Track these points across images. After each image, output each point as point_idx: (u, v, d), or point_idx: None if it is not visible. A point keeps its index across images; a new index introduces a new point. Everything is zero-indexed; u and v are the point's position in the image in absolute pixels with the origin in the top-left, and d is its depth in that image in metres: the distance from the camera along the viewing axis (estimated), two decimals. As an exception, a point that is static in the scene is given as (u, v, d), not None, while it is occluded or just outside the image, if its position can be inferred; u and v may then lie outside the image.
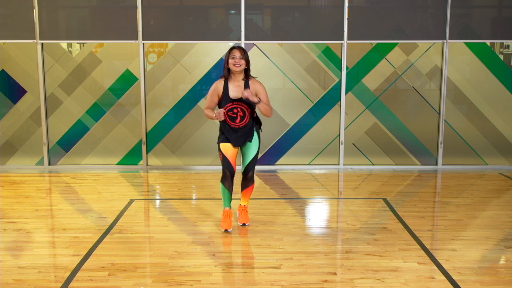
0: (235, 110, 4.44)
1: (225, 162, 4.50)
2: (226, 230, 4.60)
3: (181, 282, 3.59)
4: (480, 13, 7.10)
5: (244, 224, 4.75)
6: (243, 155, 4.63)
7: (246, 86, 4.45)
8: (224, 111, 4.40)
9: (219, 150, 4.55)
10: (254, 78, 4.56)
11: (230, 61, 4.40)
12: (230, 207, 4.69)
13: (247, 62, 4.46)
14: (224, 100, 4.46)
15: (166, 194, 5.91)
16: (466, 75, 6.99)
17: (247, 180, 4.66)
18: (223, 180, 4.58)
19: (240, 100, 4.43)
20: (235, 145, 4.52)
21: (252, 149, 4.56)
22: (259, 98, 4.39)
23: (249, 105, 4.47)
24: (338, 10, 6.82)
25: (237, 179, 4.79)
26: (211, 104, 4.53)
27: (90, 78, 6.96)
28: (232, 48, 4.44)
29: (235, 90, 4.45)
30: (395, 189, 6.03)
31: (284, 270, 3.79)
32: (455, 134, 7.07)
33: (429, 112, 7.05)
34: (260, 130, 4.66)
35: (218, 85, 4.49)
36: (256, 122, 4.60)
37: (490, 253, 4.12)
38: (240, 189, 4.75)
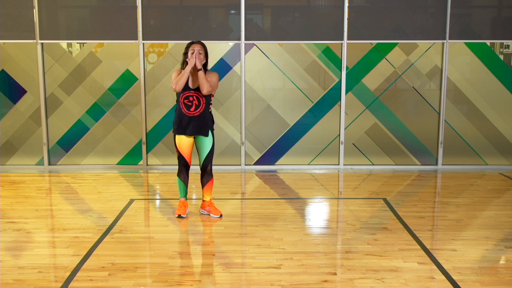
0: (190, 98, 4.69)
1: (181, 159, 4.86)
2: (179, 216, 4.94)
3: (181, 282, 3.59)
4: (480, 13, 7.10)
5: (221, 216, 4.97)
6: (198, 150, 4.89)
7: None
8: (191, 53, 4.63)
9: (175, 145, 4.84)
10: (210, 71, 4.79)
11: (190, 55, 4.64)
12: (185, 198, 5.05)
13: (206, 57, 4.72)
14: (183, 89, 4.68)
15: (166, 194, 5.91)
16: (466, 75, 6.99)
17: (207, 175, 4.94)
18: (179, 174, 4.93)
19: (197, 89, 4.67)
20: (187, 133, 4.74)
21: (207, 144, 4.82)
22: (201, 68, 4.59)
23: (205, 95, 4.67)
24: (338, 10, 6.82)
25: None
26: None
27: (90, 78, 6.96)
28: (191, 43, 4.70)
29: (193, 80, 4.69)
30: (395, 189, 6.03)
31: (284, 270, 3.79)
32: (455, 134, 7.07)
33: (429, 112, 7.05)
34: (213, 129, 4.89)
35: (180, 72, 4.71)
36: (209, 120, 4.83)
37: (490, 253, 4.12)
38: (201, 186, 5.00)
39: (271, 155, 7.13)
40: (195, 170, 7.01)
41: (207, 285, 3.56)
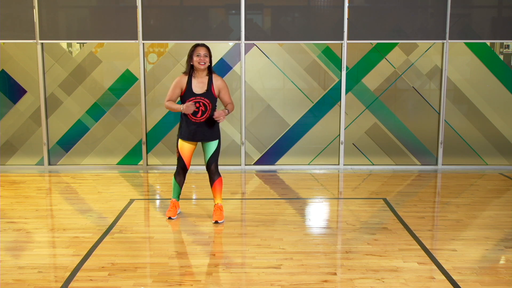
0: (197, 105, 4.62)
1: (180, 162, 4.81)
2: (170, 218, 4.89)
3: (181, 282, 3.59)
4: (480, 13, 7.10)
5: (217, 222, 4.81)
6: (204, 151, 4.82)
7: (210, 82, 4.65)
8: (193, 103, 4.58)
9: (177, 147, 4.77)
10: (215, 73, 4.74)
11: (195, 58, 4.59)
12: (177, 199, 4.99)
13: (210, 59, 4.66)
14: (187, 94, 4.63)
15: (166, 194, 5.91)
16: (466, 75, 6.99)
17: (213, 174, 4.83)
18: (176, 175, 4.86)
19: (203, 95, 4.61)
20: (193, 139, 4.71)
21: (212, 146, 4.77)
22: (226, 111, 4.65)
23: (211, 100, 4.64)
24: (338, 10, 6.82)
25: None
26: (173, 96, 4.70)
27: (90, 78, 6.96)
28: (196, 46, 4.62)
29: (199, 85, 4.64)
30: (395, 189, 6.03)
31: (284, 270, 3.79)
32: (455, 134, 7.07)
33: (429, 112, 7.05)
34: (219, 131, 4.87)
35: (182, 79, 4.66)
36: (216, 124, 4.78)
37: (490, 253, 4.12)
38: (210, 186, 4.91)
39: (271, 155, 7.13)
40: (195, 170, 7.02)
41: (207, 285, 3.56)
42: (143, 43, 6.84)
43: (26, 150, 7.11)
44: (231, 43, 6.88)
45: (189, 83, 4.63)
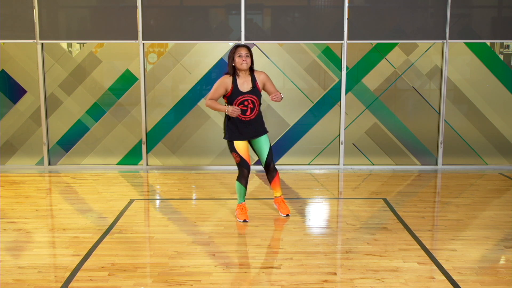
0: (245, 103, 4.65)
1: (243, 162, 4.76)
2: (245, 220, 4.83)
3: (181, 282, 3.59)
4: (480, 13, 7.10)
5: (288, 215, 4.97)
6: (258, 150, 4.87)
7: (253, 79, 4.68)
8: (238, 108, 4.57)
9: (234, 150, 4.74)
10: (256, 70, 4.77)
11: (237, 59, 4.59)
12: (245, 201, 4.96)
13: (252, 59, 4.68)
14: (234, 94, 4.62)
15: (166, 194, 5.91)
16: (466, 75, 6.99)
17: (271, 171, 4.91)
18: (240, 179, 4.82)
19: (250, 92, 4.63)
20: (246, 138, 4.73)
21: (265, 142, 4.81)
22: (280, 96, 4.62)
23: (258, 97, 4.68)
24: (338, 10, 6.82)
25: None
26: (216, 96, 4.66)
27: (90, 78, 6.96)
28: (237, 46, 4.64)
29: (244, 84, 4.65)
30: (395, 189, 6.03)
31: (284, 270, 3.79)
32: (455, 134, 7.07)
33: (429, 112, 7.05)
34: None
35: (226, 80, 4.64)
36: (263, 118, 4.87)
37: (490, 253, 4.12)
38: (269, 182, 4.99)
39: (271, 155, 7.12)
40: (195, 170, 7.02)
41: (207, 285, 3.56)
42: (143, 43, 6.84)
43: (26, 150, 7.11)
44: (231, 43, 6.88)
45: (234, 82, 4.61)
